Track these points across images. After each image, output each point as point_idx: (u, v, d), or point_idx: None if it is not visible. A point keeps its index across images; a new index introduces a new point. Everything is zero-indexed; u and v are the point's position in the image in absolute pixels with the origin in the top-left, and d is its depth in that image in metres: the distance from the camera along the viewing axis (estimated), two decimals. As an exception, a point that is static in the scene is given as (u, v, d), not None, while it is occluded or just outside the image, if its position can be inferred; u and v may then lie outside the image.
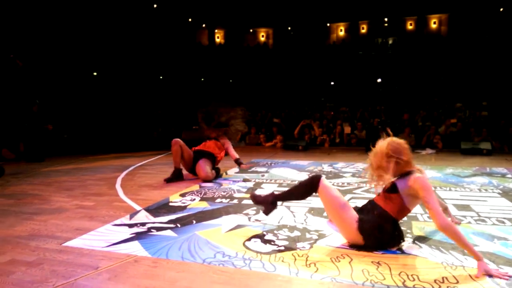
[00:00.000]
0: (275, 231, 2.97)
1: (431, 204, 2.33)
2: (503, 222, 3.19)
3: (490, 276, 2.13)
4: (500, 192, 4.39)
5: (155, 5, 14.98)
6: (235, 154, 5.56)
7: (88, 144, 9.29)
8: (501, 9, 15.41)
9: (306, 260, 2.42)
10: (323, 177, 2.67)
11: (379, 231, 2.51)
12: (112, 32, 12.39)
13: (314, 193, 2.70)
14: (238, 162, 5.53)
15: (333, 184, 4.80)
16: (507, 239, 2.77)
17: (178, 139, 5.19)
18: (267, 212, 2.92)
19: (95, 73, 12.08)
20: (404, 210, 2.57)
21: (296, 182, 3.07)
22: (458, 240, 2.24)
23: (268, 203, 2.90)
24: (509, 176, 5.46)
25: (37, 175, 5.80)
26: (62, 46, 10.73)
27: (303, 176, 5.45)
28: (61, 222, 3.25)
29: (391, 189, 2.55)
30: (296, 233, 2.93)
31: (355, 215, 2.57)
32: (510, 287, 2.03)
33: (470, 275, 2.17)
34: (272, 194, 2.94)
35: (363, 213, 2.63)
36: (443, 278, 2.15)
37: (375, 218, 2.54)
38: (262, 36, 19.92)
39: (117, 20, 12.74)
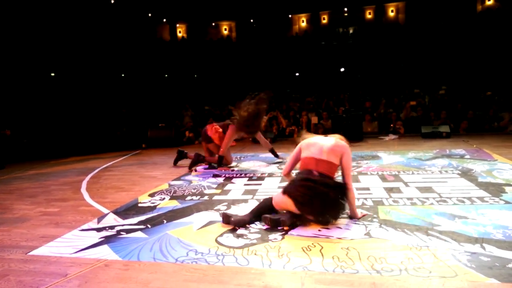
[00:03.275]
0: (247, 225, 2.99)
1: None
2: (463, 202, 3.35)
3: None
4: (460, 172, 4.60)
5: (112, 1, 14.52)
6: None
7: (49, 148, 8.93)
8: None
9: (279, 251, 2.46)
10: (273, 197, 3.10)
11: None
12: (69, 30, 11.91)
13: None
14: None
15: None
16: (467, 218, 2.92)
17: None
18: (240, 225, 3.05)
19: (52, 74, 11.60)
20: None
21: (255, 205, 3.22)
22: None
23: (246, 223, 3.01)
24: (467, 157, 5.73)
25: (-4, 183, 5.55)
26: (16, 46, 10.22)
27: (272, 169, 5.51)
28: (26, 231, 3.13)
29: None
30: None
31: None
32: (471, 263, 2.15)
33: (434, 255, 2.28)
34: (248, 215, 3.07)
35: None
36: (409, 259, 2.24)
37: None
38: (225, 29, 19.79)
39: (74, 17, 12.26)
